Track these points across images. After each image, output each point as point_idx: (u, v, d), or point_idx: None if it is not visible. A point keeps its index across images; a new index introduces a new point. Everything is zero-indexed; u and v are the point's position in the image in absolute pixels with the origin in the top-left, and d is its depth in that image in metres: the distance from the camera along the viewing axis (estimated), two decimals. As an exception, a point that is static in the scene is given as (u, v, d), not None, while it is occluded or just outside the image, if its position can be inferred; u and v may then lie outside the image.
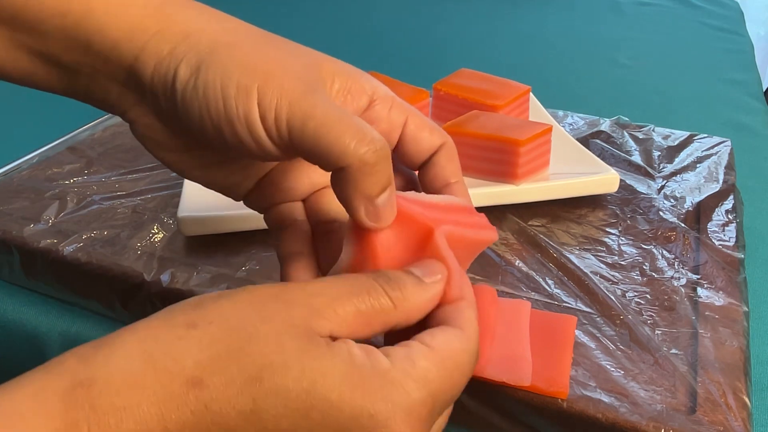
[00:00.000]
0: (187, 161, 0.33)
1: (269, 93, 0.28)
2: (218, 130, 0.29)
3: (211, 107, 0.29)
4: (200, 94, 0.29)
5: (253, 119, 0.28)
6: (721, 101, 0.91)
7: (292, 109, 0.28)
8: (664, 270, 0.49)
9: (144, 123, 0.32)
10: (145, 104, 0.32)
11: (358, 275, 0.28)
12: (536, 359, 0.39)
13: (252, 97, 0.28)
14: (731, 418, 0.36)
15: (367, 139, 0.28)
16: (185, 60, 0.30)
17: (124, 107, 0.33)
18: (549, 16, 1.26)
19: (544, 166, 0.57)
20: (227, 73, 0.29)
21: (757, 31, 1.68)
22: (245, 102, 0.28)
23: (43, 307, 0.51)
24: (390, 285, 0.28)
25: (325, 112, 0.28)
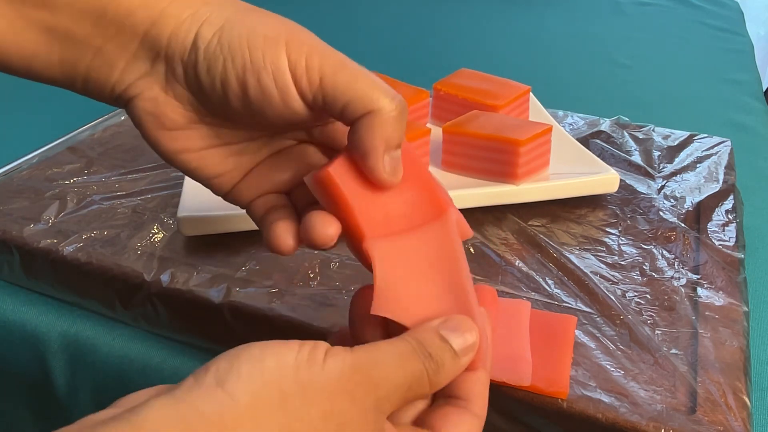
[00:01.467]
0: (184, 141, 0.33)
1: (297, 46, 0.30)
2: (242, 84, 0.30)
3: (237, 59, 0.30)
4: (225, 49, 0.30)
5: (282, 68, 0.29)
6: (721, 101, 0.91)
7: (323, 61, 0.29)
8: (664, 270, 0.49)
9: (148, 96, 0.32)
10: (154, 74, 0.32)
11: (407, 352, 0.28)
12: (536, 359, 0.39)
13: (281, 47, 0.29)
14: (731, 418, 0.36)
15: (395, 94, 0.30)
16: (207, 20, 0.30)
17: (127, 81, 0.32)
18: (549, 16, 1.26)
19: (544, 166, 0.57)
20: (253, 28, 0.30)
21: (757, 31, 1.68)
22: (274, 52, 0.29)
23: (43, 307, 0.51)
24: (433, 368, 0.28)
25: (356, 67, 0.30)
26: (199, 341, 0.47)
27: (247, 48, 0.30)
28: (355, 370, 0.26)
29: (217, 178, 0.35)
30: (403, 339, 0.29)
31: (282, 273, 0.48)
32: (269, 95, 0.30)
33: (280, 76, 0.30)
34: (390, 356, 0.28)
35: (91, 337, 0.49)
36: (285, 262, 0.49)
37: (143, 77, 0.32)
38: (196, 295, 0.46)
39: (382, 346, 0.28)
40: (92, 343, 0.49)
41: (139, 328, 0.49)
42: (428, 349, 0.28)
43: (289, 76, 0.30)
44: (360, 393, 0.26)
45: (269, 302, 0.45)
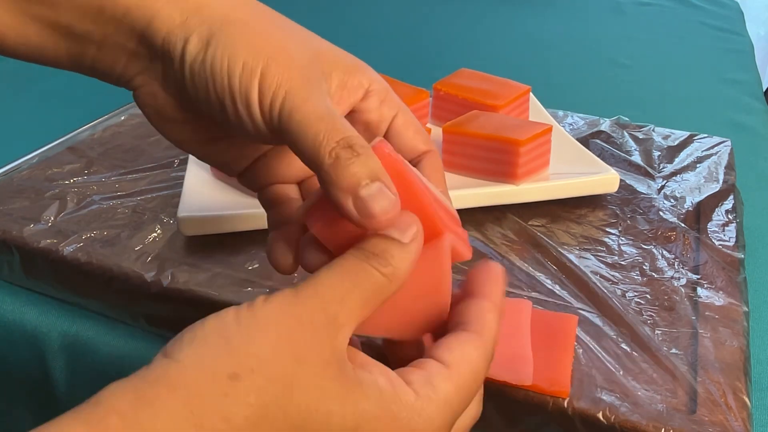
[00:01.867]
0: (186, 133, 0.34)
1: (270, 77, 0.29)
2: (221, 104, 0.30)
3: (216, 81, 0.30)
4: (207, 69, 0.30)
5: (252, 99, 0.30)
6: (721, 101, 0.91)
7: (286, 98, 0.29)
8: (664, 270, 0.49)
9: (148, 91, 0.33)
10: (152, 71, 0.33)
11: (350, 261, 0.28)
12: (537, 358, 0.39)
13: (255, 77, 0.30)
14: (731, 418, 0.36)
15: (340, 136, 0.28)
16: (196, 32, 0.31)
17: (130, 75, 0.33)
18: (549, 16, 1.26)
19: (544, 166, 0.57)
20: (235, 51, 0.30)
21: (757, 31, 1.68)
22: (248, 81, 0.30)
23: (43, 307, 0.51)
24: (380, 262, 0.28)
25: (313, 109, 0.29)
26: (199, 341, 0.47)
27: (227, 73, 0.30)
28: (296, 297, 0.26)
29: (225, 165, 0.36)
30: (345, 254, 0.28)
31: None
32: (243, 120, 0.30)
33: (250, 107, 0.30)
34: (332, 271, 0.27)
35: (91, 337, 0.49)
36: (285, 262, 0.49)
37: (143, 72, 0.33)
38: (196, 295, 0.46)
39: (323, 269, 0.28)
40: (92, 343, 0.49)
41: (139, 328, 0.49)
42: (371, 250, 0.28)
43: (257, 109, 0.30)
44: (306, 314, 0.26)
45: (269, 302, 0.45)
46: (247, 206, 0.52)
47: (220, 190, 0.55)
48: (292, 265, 0.34)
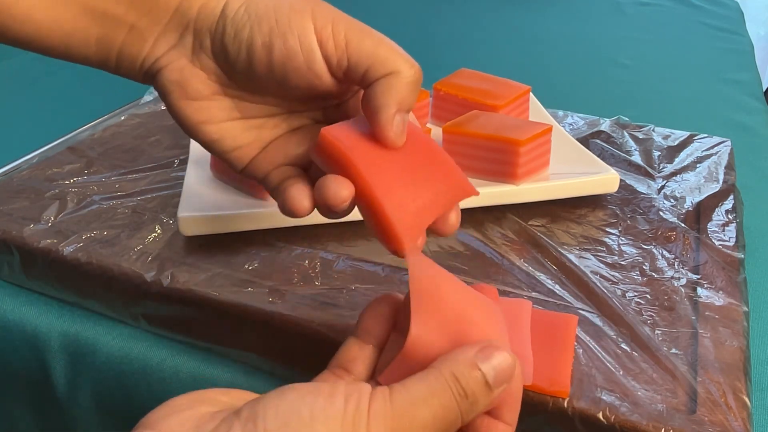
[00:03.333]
0: (207, 112, 0.35)
1: (323, 14, 0.31)
2: (268, 47, 0.31)
3: (263, 24, 0.31)
4: (252, 15, 0.32)
5: (308, 30, 0.31)
6: (721, 101, 0.91)
7: (348, 27, 0.31)
8: (664, 270, 0.49)
9: (176, 67, 0.34)
10: (182, 46, 0.34)
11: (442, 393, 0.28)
12: (537, 358, 0.39)
13: (307, 14, 0.31)
14: (731, 418, 0.36)
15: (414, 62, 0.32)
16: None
17: (157, 54, 0.34)
18: (549, 16, 1.26)
19: (544, 166, 0.57)
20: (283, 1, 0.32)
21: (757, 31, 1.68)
22: (300, 18, 0.31)
23: (43, 307, 0.51)
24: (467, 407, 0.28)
25: (379, 35, 0.32)
26: (199, 341, 0.47)
27: (273, 14, 0.31)
28: (396, 418, 0.27)
29: (236, 151, 0.36)
30: (438, 374, 0.28)
31: (282, 273, 0.48)
32: (294, 57, 0.31)
33: (306, 39, 0.31)
34: (425, 396, 0.27)
35: (91, 337, 0.49)
36: (285, 262, 0.49)
37: (171, 49, 0.34)
38: (196, 295, 0.46)
39: (417, 386, 0.28)
40: (92, 343, 0.49)
41: (139, 328, 0.49)
42: (462, 386, 0.28)
43: (314, 38, 0.31)
44: None
45: (269, 302, 0.45)
46: (247, 206, 0.52)
47: (220, 190, 0.55)
48: (309, 208, 0.34)
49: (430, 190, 0.33)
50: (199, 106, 0.35)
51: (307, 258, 0.49)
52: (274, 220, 0.51)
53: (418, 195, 0.32)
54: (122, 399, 0.48)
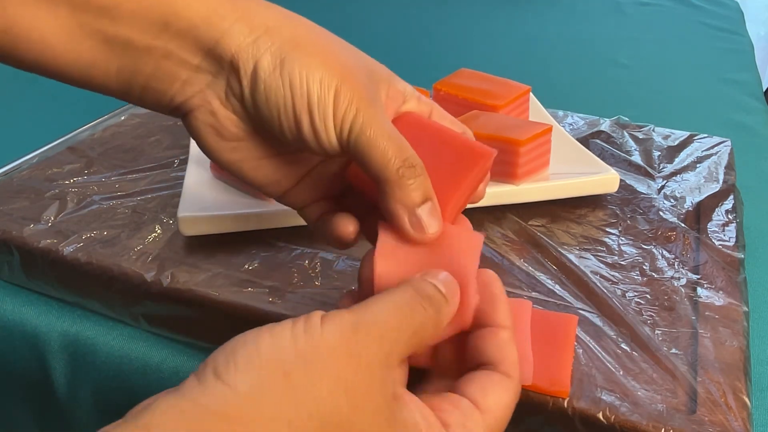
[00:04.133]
0: (241, 152, 0.36)
1: (343, 95, 0.33)
2: (296, 118, 0.33)
3: (296, 96, 0.33)
4: (285, 84, 0.32)
5: (328, 113, 0.33)
6: (721, 101, 0.91)
7: (356, 115, 0.33)
8: (664, 270, 0.49)
9: (209, 109, 0.34)
10: (215, 87, 0.34)
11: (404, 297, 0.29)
12: (537, 358, 0.39)
13: (331, 93, 0.33)
14: (731, 418, 0.36)
15: (407, 161, 0.33)
16: (269, 52, 0.33)
17: (187, 94, 0.34)
18: (549, 16, 1.26)
19: (544, 166, 0.57)
20: (311, 69, 0.33)
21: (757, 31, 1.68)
22: (325, 97, 0.32)
23: (43, 307, 0.51)
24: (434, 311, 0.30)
25: (380, 126, 0.33)
26: (199, 341, 0.47)
27: (306, 90, 0.32)
28: (355, 328, 0.27)
29: (271, 185, 0.37)
30: (400, 288, 0.30)
31: (282, 273, 0.48)
32: (316, 134, 0.33)
33: (326, 121, 0.33)
34: (391, 306, 0.28)
35: (91, 337, 0.49)
36: (285, 262, 0.49)
37: (203, 90, 0.34)
38: (196, 295, 0.46)
39: (380, 299, 0.29)
40: (92, 343, 0.49)
41: (139, 328, 0.49)
42: (426, 293, 0.30)
43: (331, 123, 0.33)
44: (365, 352, 0.26)
45: (269, 302, 0.45)
46: (247, 206, 0.52)
47: (220, 190, 0.55)
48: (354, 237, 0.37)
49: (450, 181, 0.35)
50: (234, 146, 0.35)
51: (307, 258, 0.49)
52: (274, 220, 0.51)
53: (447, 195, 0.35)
54: (122, 399, 0.48)
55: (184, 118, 0.35)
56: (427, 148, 0.35)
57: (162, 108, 0.35)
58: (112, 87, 0.34)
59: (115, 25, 0.32)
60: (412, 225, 0.33)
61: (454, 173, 0.35)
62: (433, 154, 0.35)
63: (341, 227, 0.36)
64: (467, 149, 0.35)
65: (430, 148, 0.35)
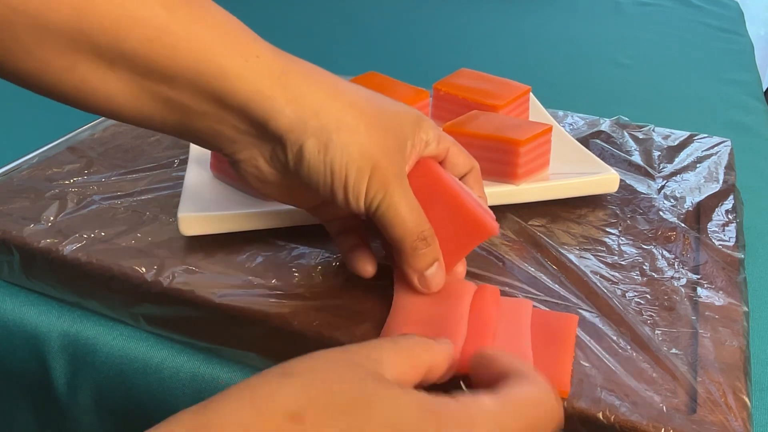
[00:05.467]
0: (279, 194, 0.42)
1: (376, 179, 0.39)
2: (332, 191, 0.39)
3: (335, 178, 0.38)
4: (327, 167, 0.38)
5: (361, 193, 0.39)
6: (721, 101, 0.91)
7: (385, 195, 0.39)
8: (664, 270, 0.49)
9: (253, 164, 0.40)
10: (261, 149, 0.39)
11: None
12: (537, 358, 0.39)
13: (365, 178, 0.38)
14: (731, 418, 0.36)
15: (421, 235, 0.40)
16: (315, 136, 0.38)
17: (235, 149, 0.39)
18: (549, 16, 1.26)
19: (544, 166, 0.57)
20: (350, 157, 0.38)
21: (757, 31, 1.68)
22: (360, 181, 0.38)
23: (43, 307, 0.51)
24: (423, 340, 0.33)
25: (405, 205, 0.40)
26: (199, 341, 0.47)
27: (345, 173, 0.38)
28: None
29: (299, 205, 0.45)
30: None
31: (282, 272, 0.48)
32: (348, 203, 0.39)
33: (358, 200, 0.39)
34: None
35: (91, 337, 0.49)
36: (285, 262, 0.49)
37: (250, 149, 0.39)
38: (196, 295, 0.46)
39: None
40: (92, 343, 0.49)
41: (139, 328, 0.49)
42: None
43: (362, 200, 0.39)
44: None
45: (269, 302, 0.45)
46: (247, 206, 0.52)
47: (220, 190, 0.55)
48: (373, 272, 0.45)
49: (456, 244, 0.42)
50: (273, 189, 0.41)
51: (307, 257, 0.49)
52: (274, 220, 0.51)
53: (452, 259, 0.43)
54: (122, 399, 0.48)
55: (230, 161, 0.41)
56: (438, 210, 0.42)
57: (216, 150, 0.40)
58: (167, 132, 0.39)
59: (174, 90, 0.36)
60: (420, 284, 0.42)
61: (460, 243, 0.42)
62: (444, 217, 0.42)
63: (361, 266, 0.44)
64: (475, 224, 0.42)
65: (442, 210, 0.42)
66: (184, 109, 0.37)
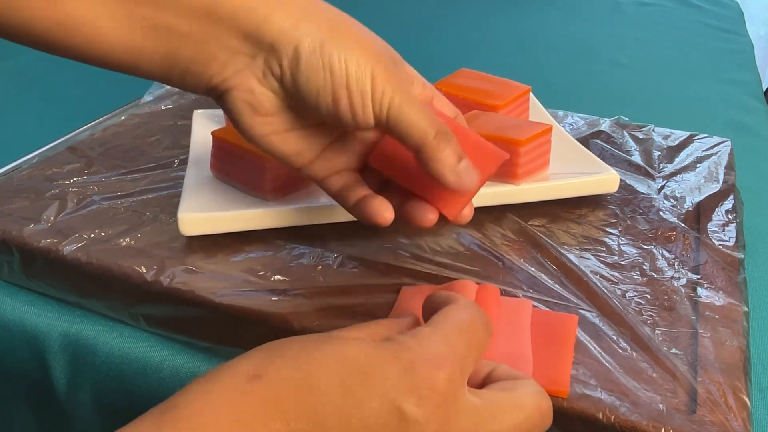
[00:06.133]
0: (273, 125, 0.39)
1: (380, 76, 0.36)
2: (333, 95, 0.36)
3: (335, 75, 0.36)
4: (325, 65, 0.36)
5: (367, 90, 0.36)
6: (721, 101, 0.91)
7: (394, 94, 0.37)
8: (664, 270, 0.49)
9: (247, 88, 0.37)
10: (253, 68, 0.37)
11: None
12: (537, 358, 0.39)
13: (368, 74, 0.36)
14: (731, 418, 0.36)
15: (441, 129, 0.38)
16: (309, 35, 0.36)
17: (226, 74, 0.37)
18: (549, 16, 1.26)
19: (544, 166, 0.57)
20: (349, 52, 0.36)
21: (757, 31, 1.68)
22: (363, 76, 0.36)
23: (43, 307, 0.51)
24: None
25: (414, 103, 0.37)
26: (199, 341, 0.47)
27: (345, 70, 0.36)
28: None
29: (295, 156, 0.41)
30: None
31: (283, 273, 0.48)
32: (353, 110, 0.37)
33: (365, 98, 0.36)
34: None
35: (91, 337, 0.49)
36: (286, 262, 0.49)
37: (241, 71, 0.37)
38: (196, 295, 0.46)
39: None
40: (92, 343, 0.49)
41: (139, 328, 0.49)
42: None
43: (369, 100, 0.36)
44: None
45: (269, 302, 0.45)
46: (247, 206, 0.52)
47: (220, 190, 0.55)
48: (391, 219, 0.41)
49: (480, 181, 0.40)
50: (266, 120, 0.38)
51: (308, 257, 0.49)
52: (274, 220, 0.51)
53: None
54: (122, 399, 0.48)
55: (220, 97, 0.38)
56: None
57: (200, 89, 0.38)
58: (155, 71, 0.37)
59: (163, 14, 0.35)
60: (456, 181, 0.38)
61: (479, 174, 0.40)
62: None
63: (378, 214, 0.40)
64: (487, 152, 0.41)
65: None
66: (171, 33, 0.36)
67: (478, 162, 0.40)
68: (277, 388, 0.27)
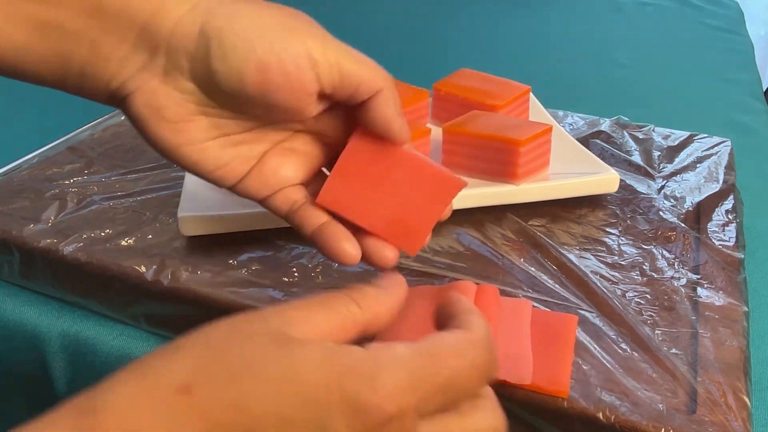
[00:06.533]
0: (185, 134, 0.34)
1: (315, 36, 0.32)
2: (263, 68, 0.31)
3: (257, 46, 0.31)
4: (241, 37, 0.31)
5: (303, 53, 0.31)
6: (721, 101, 0.91)
7: (338, 50, 0.32)
8: (664, 270, 0.49)
9: (146, 89, 0.33)
10: (154, 66, 0.32)
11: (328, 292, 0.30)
12: (537, 358, 0.39)
13: (302, 35, 0.32)
14: (731, 418, 0.36)
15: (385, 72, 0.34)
16: (211, 13, 0.32)
17: (125, 76, 0.32)
18: (549, 16, 1.26)
19: (544, 166, 0.57)
20: (263, 18, 0.32)
21: (757, 31, 1.68)
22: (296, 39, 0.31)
23: (43, 307, 0.51)
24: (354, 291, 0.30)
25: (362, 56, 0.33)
26: (199, 341, 0.47)
27: (267, 34, 0.31)
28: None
29: (218, 171, 0.35)
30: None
31: (282, 272, 0.48)
32: (290, 78, 0.32)
33: (303, 60, 0.31)
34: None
35: (91, 337, 0.49)
36: (285, 262, 0.49)
37: (141, 70, 0.32)
38: (197, 295, 0.46)
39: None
40: (92, 343, 0.49)
41: (139, 328, 0.49)
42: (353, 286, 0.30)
43: (308, 61, 0.31)
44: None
45: (269, 302, 0.45)
46: (247, 206, 0.52)
47: (220, 190, 0.55)
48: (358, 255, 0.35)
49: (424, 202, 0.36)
50: (177, 128, 0.33)
51: (307, 257, 0.49)
52: (274, 220, 0.51)
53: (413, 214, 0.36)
54: (122, 399, 0.48)
55: (122, 104, 0.33)
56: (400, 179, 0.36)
57: (100, 95, 0.33)
58: (46, 74, 0.33)
59: (47, 8, 0.31)
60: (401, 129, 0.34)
61: (432, 203, 0.36)
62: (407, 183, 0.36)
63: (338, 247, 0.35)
64: (443, 180, 0.36)
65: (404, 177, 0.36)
66: (60, 32, 0.32)
67: (435, 192, 0.36)
68: (207, 407, 0.24)
